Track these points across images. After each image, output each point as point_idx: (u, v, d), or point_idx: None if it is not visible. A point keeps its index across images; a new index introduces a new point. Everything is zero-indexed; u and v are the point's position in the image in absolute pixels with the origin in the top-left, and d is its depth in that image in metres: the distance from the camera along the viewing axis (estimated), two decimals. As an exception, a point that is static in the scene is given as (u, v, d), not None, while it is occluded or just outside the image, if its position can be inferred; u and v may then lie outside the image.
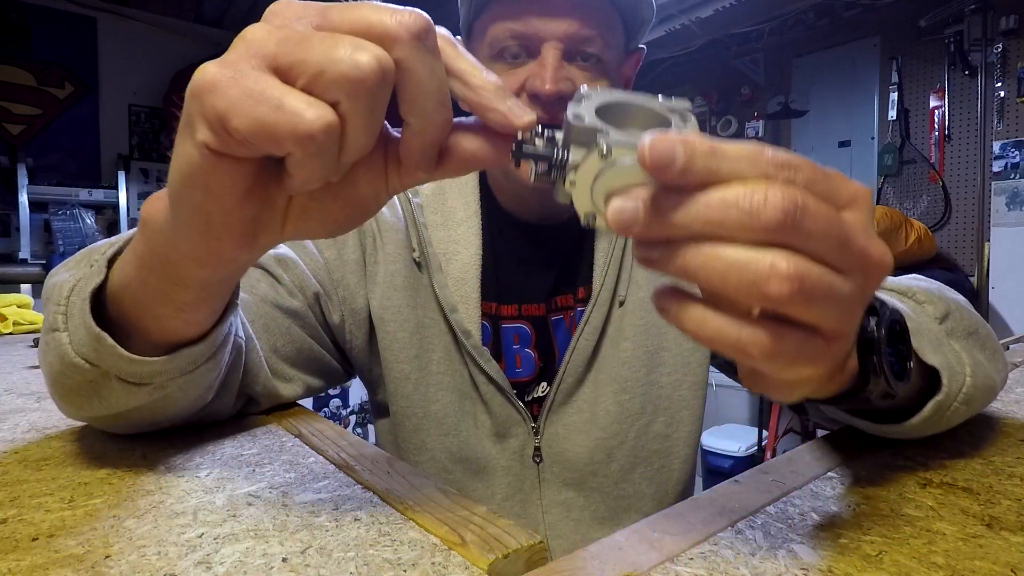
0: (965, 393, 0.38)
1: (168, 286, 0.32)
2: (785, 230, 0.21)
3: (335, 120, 0.23)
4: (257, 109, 0.22)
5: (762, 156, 0.23)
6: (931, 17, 2.46)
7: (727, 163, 0.22)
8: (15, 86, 2.98)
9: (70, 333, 0.36)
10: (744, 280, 0.22)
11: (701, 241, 0.23)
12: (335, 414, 3.10)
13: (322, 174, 0.25)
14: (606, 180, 0.25)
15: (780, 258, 0.22)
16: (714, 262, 0.22)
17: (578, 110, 0.26)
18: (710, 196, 0.22)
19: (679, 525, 0.32)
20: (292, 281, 0.58)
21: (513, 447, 0.64)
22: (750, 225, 0.22)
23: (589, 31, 0.56)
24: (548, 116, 0.56)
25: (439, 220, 0.65)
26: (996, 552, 0.29)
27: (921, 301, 0.42)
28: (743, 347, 0.23)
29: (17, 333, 1.21)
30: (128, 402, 0.38)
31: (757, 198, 0.21)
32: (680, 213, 0.23)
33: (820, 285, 0.22)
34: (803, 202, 0.22)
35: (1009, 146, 2.33)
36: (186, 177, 0.26)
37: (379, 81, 0.23)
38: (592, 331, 0.63)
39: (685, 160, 0.22)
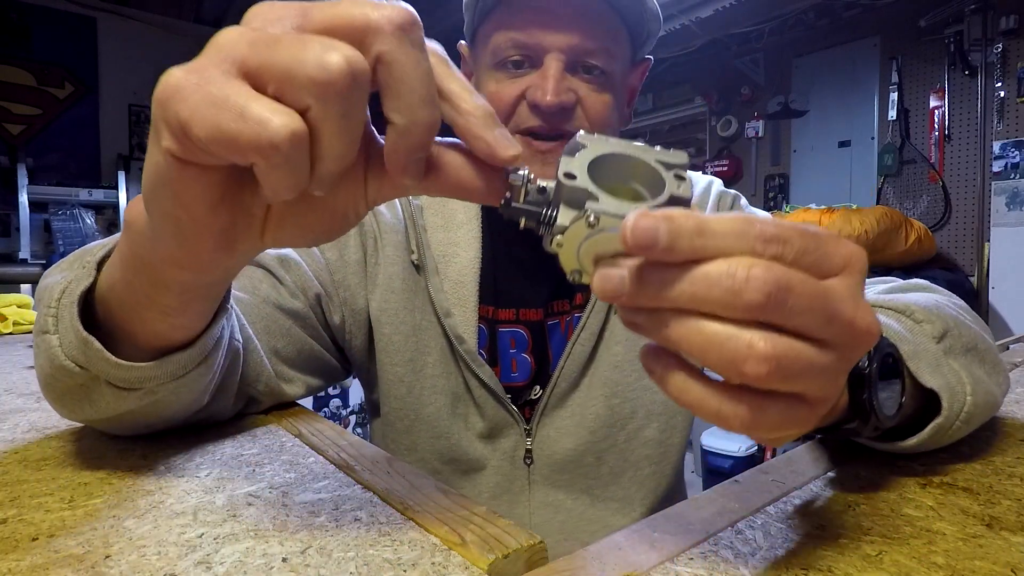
0: (967, 412, 0.38)
1: (151, 289, 0.32)
2: (767, 311, 0.21)
3: (301, 128, 0.22)
4: (219, 116, 0.21)
5: (750, 231, 0.22)
6: (931, 17, 2.46)
7: (713, 240, 0.22)
8: (15, 86, 2.99)
9: (60, 336, 0.36)
10: (723, 357, 0.22)
11: (684, 313, 0.23)
12: (335, 414, 3.10)
13: (292, 184, 0.23)
14: (592, 246, 0.25)
15: (759, 338, 0.22)
16: (695, 336, 0.22)
17: (570, 167, 0.26)
18: (694, 273, 0.22)
19: (679, 525, 0.32)
20: (294, 282, 0.58)
21: (504, 448, 0.64)
22: (732, 304, 0.22)
23: (593, 43, 0.56)
24: (548, 126, 0.56)
25: (439, 222, 0.65)
26: (996, 552, 0.29)
27: (919, 320, 0.42)
28: (723, 418, 0.23)
29: (17, 333, 1.21)
30: (118, 406, 0.38)
31: (739, 277, 0.21)
32: (664, 288, 0.23)
33: (799, 363, 0.22)
34: (787, 282, 0.21)
35: (1009, 146, 2.33)
36: (155, 183, 0.25)
37: (350, 83, 0.22)
38: (589, 336, 0.63)
39: (669, 240, 0.22)
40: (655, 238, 0.22)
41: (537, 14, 0.55)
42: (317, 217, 0.29)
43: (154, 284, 0.31)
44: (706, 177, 0.73)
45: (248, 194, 0.27)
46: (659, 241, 0.22)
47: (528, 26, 0.55)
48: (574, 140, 0.27)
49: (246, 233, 0.28)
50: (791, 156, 3.03)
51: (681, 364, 0.24)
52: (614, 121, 0.60)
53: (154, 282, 0.31)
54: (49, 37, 3.07)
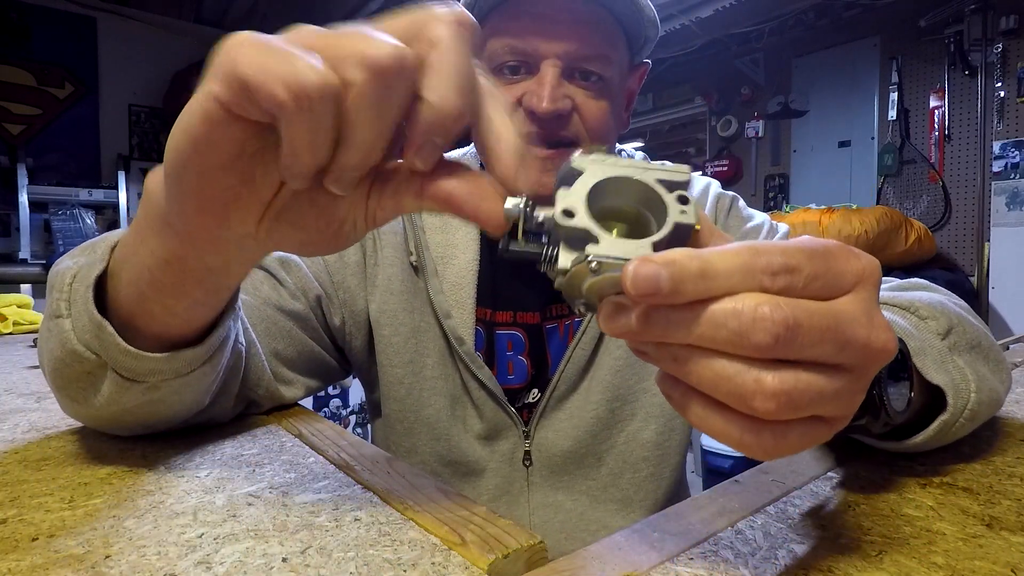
0: (971, 409, 0.38)
1: (152, 261, 0.32)
2: (776, 350, 0.21)
3: (334, 83, 0.23)
4: (266, 59, 0.23)
5: (756, 264, 0.22)
6: (931, 17, 2.46)
7: (717, 281, 0.22)
8: (15, 86, 2.98)
9: (73, 319, 0.36)
10: (732, 393, 0.22)
11: (693, 349, 0.23)
12: (335, 414, 3.10)
13: (312, 146, 0.24)
14: (595, 287, 0.24)
15: (766, 375, 0.21)
16: (703, 371, 0.22)
17: (568, 202, 0.25)
18: (701, 314, 0.22)
19: (679, 525, 0.32)
20: (295, 284, 0.58)
21: (503, 450, 0.64)
22: (740, 344, 0.21)
23: (589, 50, 0.56)
24: (544, 132, 0.56)
25: (438, 224, 0.65)
26: (996, 552, 0.29)
27: (924, 317, 0.42)
28: (746, 447, 0.23)
29: (17, 333, 1.21)
30: (120, 399, 0.38)
31: (746, 319, 0.21)
32: (672, 328, 0.22)
33: (808, 394, 0.22)
34: (795, 319, 0.21)
35: (1009, 146, 2.33)
36: (184, 125, 0.26)
37: (396, 67, 0.23)
38: (589, 340, 0.63)
39: (672, 286, 0.21)
40: (657, 286, 0.21)
41: (534, 20, 0.55)
42: (315, 219, 0.29)
43: (156, 256, 0.32)
44: (704, 179, 0.73)
45: (261, 171, 0.27)
46: (662, 288, 0.21)
47: (524, 32, 0.55)
48: (569, 166, 0.26)
49: (242, 211, 0.28)
50: (791, 156, 3.03)
51: (699, 394, 0.24)
52: (611, 127, 0.59)
53: (157, 251, 0.32)
54: (49, 37, 3.06)
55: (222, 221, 0.29)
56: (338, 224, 0.29)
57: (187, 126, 0.25)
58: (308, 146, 0.24)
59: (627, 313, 0.23)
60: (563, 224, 0.24)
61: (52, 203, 2.93)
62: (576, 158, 0.26)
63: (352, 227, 0.29)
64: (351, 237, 0.30)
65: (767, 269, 0.22)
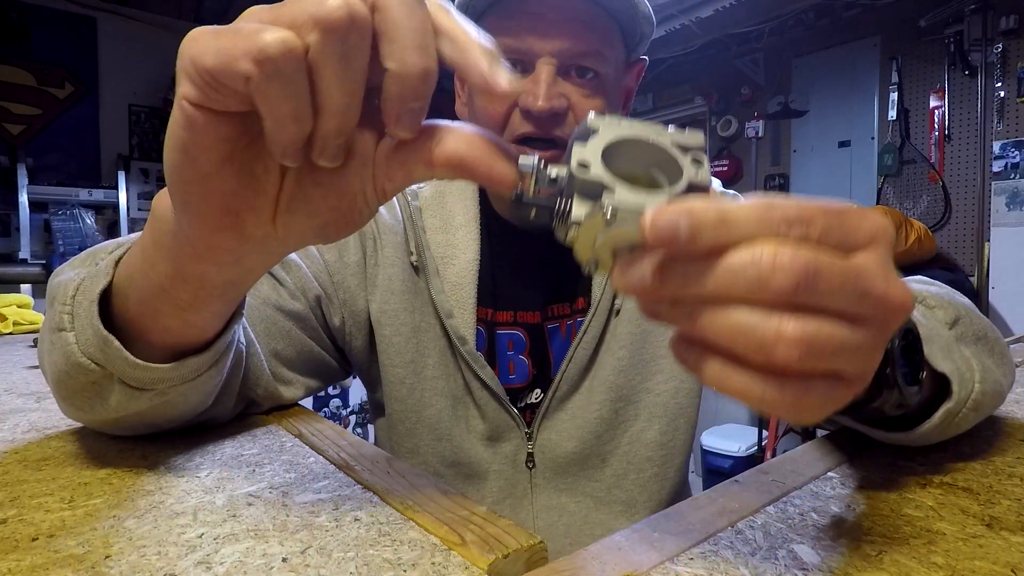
0: (974, 399, 0.38)
1: (167, 282, 0.32)
2: (797, 295, 0.21)
3: (293, 40, 0.22)
4: (221, 42, 0.23)
5: (772, 214, 0.22)
6: (931, 17, 2.46)
7: (735, 228, 0.22)
8: (15, 86, 2.98)
9: (76, 333, 0.36)
10: (752, 343, 0.21)
11: (710, 302, 0.22)
12: (335, 414, 3.10)
13: (291, 112, 0.24)
14: (610, 240, 0.24)
15: (787, 322, 0.21)
16: (722, 323, 0.22)
17: (583, 155, 0.25)
18: (719, 264, 0.22)
19: (679, 525, 0.32)
20: (294, 283, 0.58)
21: (506, 451, 0.64)
22: (760, 292, 0.21)
23: (584, 47, 0.56)
24: (540, 132, 0.56)
25: (438, 224, 0.64)
26: (996, 552, 0.29)
27: (931, 306, 0.42)
28: (767, 404, 0.22)
29: (17, 333, 1.21)
30: (129, 406, 0.38)
31: (766, 265, 0.21)
32: (688, 280, 0.22)
33: (831, 343, 0.21)
34: (815, 265, 0.21)
35: (1009, 146, 2.33)
36: (169, 139, 0.26)
37: (347, 22, 0.23)
38: (591, 340, 0.63)
39: (690, 233, 0.21)
40: (676, 232, 0.21)
41: (528, 19, 0.55)
42: (325, 200, 0.29)
43: (172, 276, 0.32)
44: None
45: (261, 167, 0.27)
46: (680, 235, 0.21)
47: (519, 31, 0.55)
48: (584, 124, 0.26)
49: (255, 213, 0.28)
50: (791, 156, 3.03)
51: (717, 352, 0.23)
52: None
53: (172, 274, 0.32)
54: (49, 37, 3.06)
55: (239, 230, 0.29)
56: (349, 200, 0.29)
57: (173, 138, 0.26)
58: (289, 114, 0.24)
59: (642, 267, 0.23)
60: (578, 175, 0.24)
61: (52, 203, 2.93)
62: (591, 118, 0.26)
63: (364, 202, 0.29)
64: (365, 213, 0.30)
65: (783, 219, 0.22)
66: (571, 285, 0.66)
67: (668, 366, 0.65)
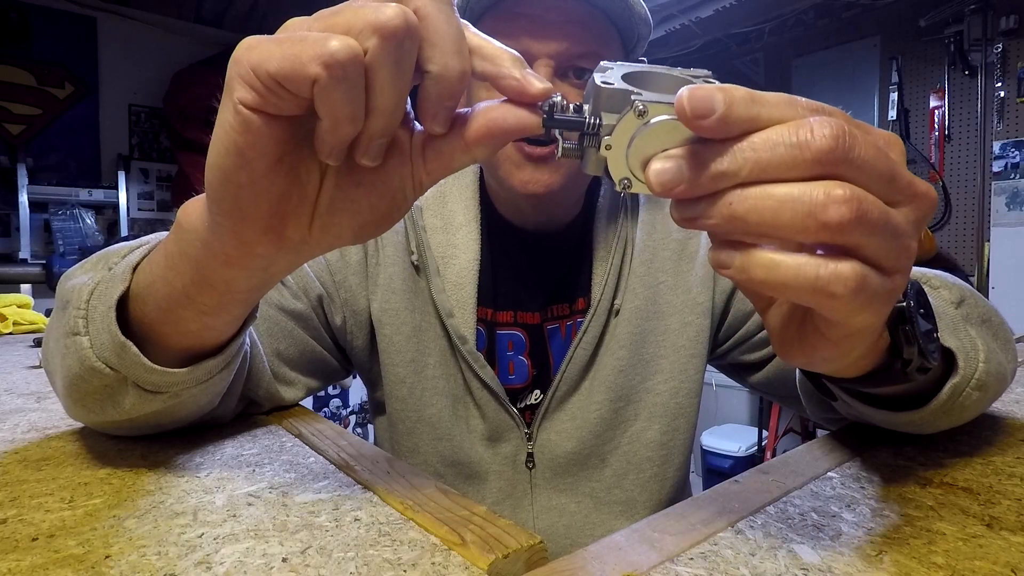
0: (978, 379, 0.37)
1: (193, 289, 0.33)
2: (836, 159, 0.21)
3: (359, 48, 0.23)
4: (285, 48, 0.23)
5: (798, 101, 0.23)
6: (931, 17, 2.46)
7: (766, 108, 0.22)
8: (15, 86, 2.98)
9: (91, 337, 0.36)
10: (799, 212, 0.21)
11: (747, 185, 0.22)
12: (335, 414, 3.10)
13: (349, 114, 0.25)
14: (643, 141, 0.24)
15: (834, 185, 0.21)
16: (765, 201, 0.22)
17: (605, 77, 0.26)
18: (754, 139, 0.22)
19: (679, 525, 0.32)
20: (296, 284, 0.58)
21: (506, 452, 0.64)
22: (801, 158, 0.21)
23: (582, 48, 0.56)
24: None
25: (438, 223, 0.65)
26: (996, 552, 0.29)
27: (936, 287, 0.42)
28: (824, 285, 0.22)
29: (17, 333, 1.21)
30: (142, 408, 0.38)
31: (803, 131, 0.21)
32: (725, 162, 0.22)
33: (877, 209, 0.22)
34: (850, 133, 0.21)
35: (1009, 146, 2.33)
36: (221, 145, 0.26)
37: (404, 29, 0.24)
38: (590, 340, 0.63)
39: (725, 108, 0.22)
40: (712, 106, 0.22)
41: (526, 21, 0.55)
42: (367, 198, 0.29)
43: (198, 283, 0.32)
44: None
45: (302, 165, 0.28)
46: (716, 109, 0.22)
47: (517, 33, 0.55)
48: (600, 65, 0.28)
49: (296, 216, 0.29)
50: (791, 156, 3.03)
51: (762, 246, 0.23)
52: None
53: (199, 281, 0.32)
54: (49, 37, 3.06)
55: (279, 234, 0.29)
56: (389, 197, 0.30)
57: (227, 143, 0.26)
58: (348, 116, 0.25)
59: (678, 160, 0.23)
60: (604, 89, 0.25)
61: (52, 203, 2.93)
62: (604, 63, 0.28)
63: (403, 197, 0.30)
64: (403, 208, 0.31)
65: (808, 106, 0.22)
66: (571, 285, 0.66)
67: (668, 366, 0.65)
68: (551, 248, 0.66)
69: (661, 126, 0.24)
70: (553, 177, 0.57)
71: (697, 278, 0.65)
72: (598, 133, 0.26)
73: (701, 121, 0.22)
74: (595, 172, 0.26)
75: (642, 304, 0.64)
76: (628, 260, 0.64)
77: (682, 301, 0.65)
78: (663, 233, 0.67)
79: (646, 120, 0.24)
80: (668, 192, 0.23)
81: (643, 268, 0.65)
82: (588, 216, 0.66)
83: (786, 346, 0.30)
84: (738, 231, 0.23)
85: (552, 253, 0.66)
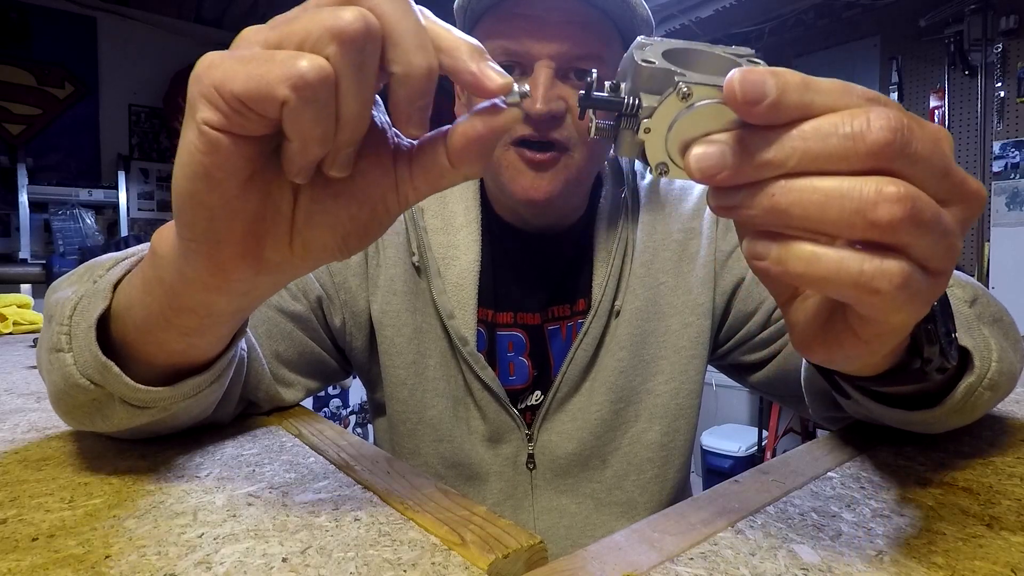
0: (991, 378, 0.37)
1: (172, 313, 0.32)
2: (892, 153, 0.20)
3: (327, 65, 0.22)
4: (251, 68, 0.22)
5: (853, 89, 0.21)
6: (931, 17, 2.46)
7: (820, 96, 0.21)
8: (15, 86, 2.98)
9: (75, 354, 0.36)
10: (847, 208, 0.20)
11: (792, 176, 0.21)
12: (335, 414, 3.10)
13: (320, 134, 0.23)
14: (684, 125, 0.23)
15: (886, 182, 0.20)
16: (811, 195, 0.21)
17: (645, 55, 0.24)
18: (805, 128, 0.21)
19: (679, 525, 0.32)
20: (295, 285, 0.58)
21: (506, 453, 0.64)
22: (854, 150, 0.20)
23: (583, 49, 0.55)
24: (538, 135, 0.56)
25: (439, 224, 0.64)
26: (996, 552, 0.29)
27: (950, 285, 0.42)
28: (868, 281, 0.21)
29: (17, 333, 1.21)
30: (131, 421, 0.38)
31: (858, 122, 0.20)
32: (772, 151, 0.21)
33: (930, 209, 0.20)
34: (908, 124, 0.20)
35: (1009, 146, 2.33)
36: (187, 167, 0.25)
37: (364, 32, 0.22)
38: (591, 342, 0.63)
39: (778, 94, 0.21)
40: (763, 91, 0.20)
41: (526, 21, 0.55)
42: (347, 208, 0.28)
43: (176, 308, 0.31)
44: None
45: (273, 182, 0.27)
46: (768, 94, 0.20)
47: (517, 33, 0.55)
48: (637, 41, 0.26)
49: (273, 235, 0.28)
50: (791, 156, 3.03)
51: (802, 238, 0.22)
52: None
53: (177, 306, 0.31)
54: (49, 37, 3.06)
55: (257, 257, 0.28)
56: (370, 208, 0.29)
57: (193, 166, 0.25)
58: (319, 137, 0.24)
59: (721, 145, 0.22)
60: (644, 67, 0.24)
61: (52, 203, 2.94)
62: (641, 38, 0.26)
63: (385, 210, 0.29)
64: (386, 220, 0.29)
65: (863, 95, 0.21)
66: (571, 287, 0.66)
67: (668, 367, 0.65)
68: (552, 249, 0.66)
69: (705, 110, 0.22)
70: (554, 184, 0.57)
71: (698, 279, 0.65)
72: (636, 115, 0.24)
73: (752, 107, 0.21)
74: (629, 155, 0.25)
75: (643, 305, 0.64)
76: (629, 261, 0.64)
77: (683, 302, 0.65)
78: (663, 234, 0.67)
79: (690, 103, 0.23)
80: (708, 179, 0.22)
81: (643, 269, 0.65)
82: (589, 217, 0.66)
83: (809, 342, 0.28)
84: (778, 224, 0.22)
85: (553, 254, 0.66)
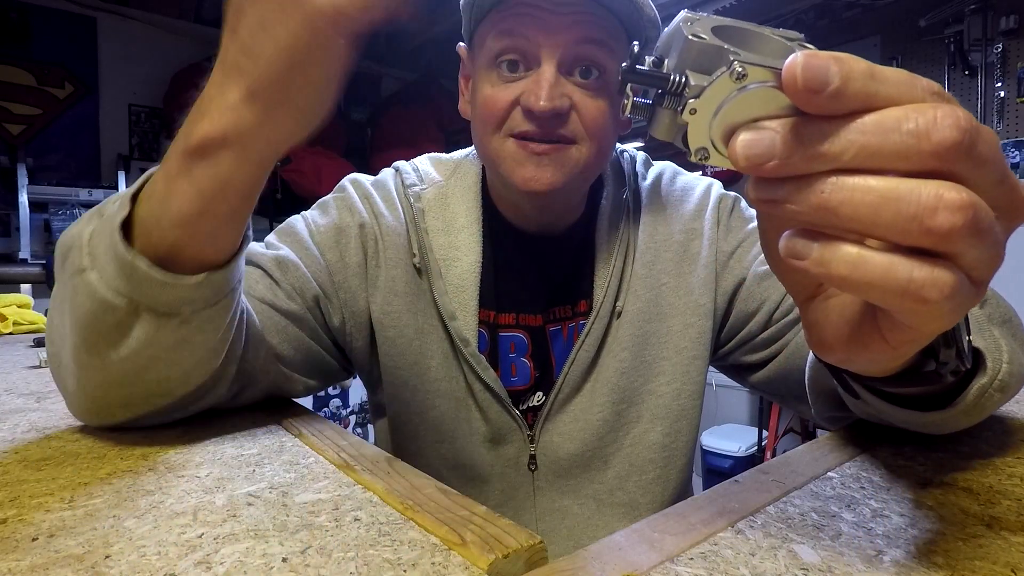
0: (1001, 379, 0.37)
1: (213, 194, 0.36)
2: (958, 155, 0.19)
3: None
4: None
5: (918, 81, 0.20)
6: (931, 17, 2.46)
7: (885, 87, 0.19)
8: (15, 86, 2.98)
9: (99, 270, 0.38)
10: (903, 213, 0.19)
11: (845, 173, 0.20)
12: (335, 414, 3.10)
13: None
14: (733, 108, 0.21)
15: (946, 188, 0.19)
16: (864, 195, 0.19)
17: (694, 29, 0.22)
18: (865, 121, 0.19)
19: (679, 525, 0.32)
20: (291, 284, 0.58)
21: (508, 454, 0.64)
22: (917, 149, 0.19)
23: (589, 47, 0.55)
24: (541, 132, 0.56)
25: (440, 225, 0.64)
26: (996, 552, 0.29)
27: None
28: (917, 289, 0.19)
29: (17, 333, 1.21)
30: (155, 337, 0.39)
31: (924, 119, 0.19)
32: (827, 143, 0.20)
33: (988, 219, 0.19)
34: (976, 127, 0.19)
35: (1009, 146, 2.33)
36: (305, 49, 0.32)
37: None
38: (592, 343, 0.63)
39: (841, 82, 0.19)
40: (827, 78, 0.19)
41: (532, 17, 0.55)
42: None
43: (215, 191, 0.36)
44: (706, 179, 0.73)
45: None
46: (830, 82, 0.19)
47: (523, 29, 0.55)
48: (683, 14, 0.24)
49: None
50: (791, 156, 3.03)
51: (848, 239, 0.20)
52: (610, 127, 0.59)
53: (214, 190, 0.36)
54: (49, 37, 3.06)
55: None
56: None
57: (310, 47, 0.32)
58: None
59: (771, 133, 0.20)
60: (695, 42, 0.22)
61: (52, 203, 2.93)
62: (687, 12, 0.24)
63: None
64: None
65: (928, 88, 0.20)
66: (573, 288, 0.66)
67: (670, 368, 0.65)
68: (553, 250, 0.66)
69: (756, 93, 0.21)
70: (556, 175, 0.57)
71: (699, 280, 0.65)
72: (682, 94, 0.22)
73: (812, 95, 0.19)
74: (665, 137, 0.23)
75: (644, 306, 0.64)
76: (630, 262, 0.64)
77: (684, 303, 0.65)
78: (665, 235, 0.67)
79: (743, 85, 0.21)
80: (755, 168, 0.21)
81: (645, 270, 0.65)
82: (590, 218, 0.66)
83: (830, 343, 0.27)
84: (824, 223, 0.20)
85: (554, 255, 0.66)
